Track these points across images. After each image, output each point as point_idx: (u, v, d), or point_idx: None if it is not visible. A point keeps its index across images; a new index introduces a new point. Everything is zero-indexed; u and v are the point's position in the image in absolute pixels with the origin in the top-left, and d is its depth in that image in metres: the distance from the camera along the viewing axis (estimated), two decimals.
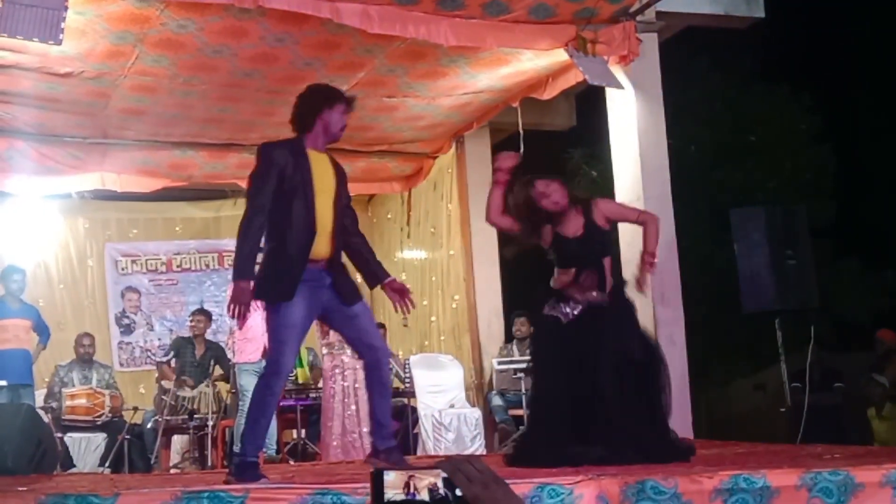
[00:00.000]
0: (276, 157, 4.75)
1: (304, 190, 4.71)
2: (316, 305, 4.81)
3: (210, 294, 11.13)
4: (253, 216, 4.67)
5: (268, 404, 4.79)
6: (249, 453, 4.66)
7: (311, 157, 4.81)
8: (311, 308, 4.78)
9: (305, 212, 4.70)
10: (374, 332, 5.10)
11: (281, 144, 4.88)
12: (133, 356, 11.03)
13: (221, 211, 11.55)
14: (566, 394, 5.00)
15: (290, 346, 4.74)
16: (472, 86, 8.15)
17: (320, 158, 4.89)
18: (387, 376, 5.13)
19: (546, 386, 5.16)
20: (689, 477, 3.89)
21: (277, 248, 4.71)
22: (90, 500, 3.52)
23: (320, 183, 4.80)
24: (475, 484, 1.69)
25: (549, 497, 3.67)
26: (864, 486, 3.89)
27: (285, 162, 4.72)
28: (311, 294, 4.73)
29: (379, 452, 4.97)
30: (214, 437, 8.38)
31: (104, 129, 8.74)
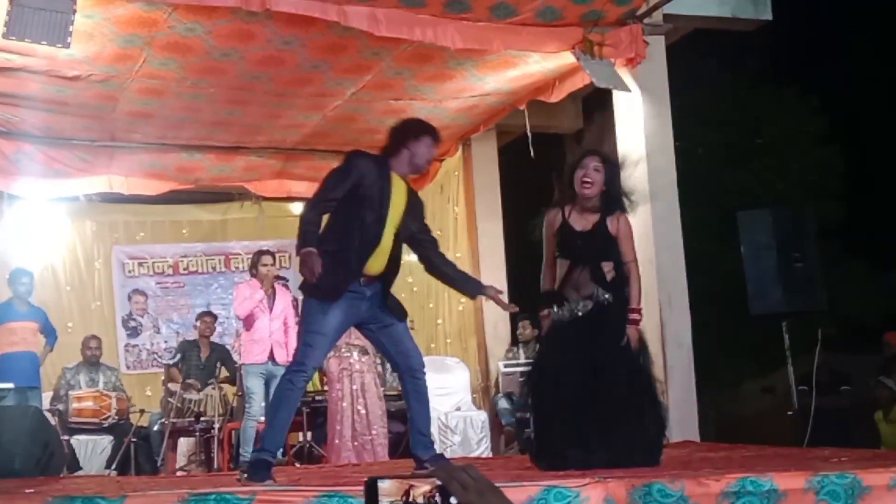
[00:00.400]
0: (360, 164, 4.92)
1: (380, 204, 4.84)
2: (352, 317, 4.94)
3: (217, 297, 11.14)
4: (316, 203, 4.83)
5: (289, 400, 4.85)
6: (268, 449, 4.78)
7: (392, 178, 4.95)
8: (347, 319, 4.92)
9: (375, 226, 4.84)
10: (408, 341, 5.15)
11: (369, 155, 5.07)
12: (140, 359, 11.05)
13: (228, 214, 11.57)
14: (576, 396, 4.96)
15: (318, 351, 4.88)
16: (478, 88, 8.16)
17: (399, 184, 5.02)
18: (423, 385, 5.13)
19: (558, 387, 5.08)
20: (696, 480, 3.88)
21: (337, 252, 4.77)
22: (97, 502, 3.52)
23: (394, 205, 4.93)
24: (470, 492, 1.69)
25: (556, 500, 3.66)
26: (871, 490, 3.88)
27: (367, 171, 4.87)
28: (350, 305, 4.86)
29: (423, 462, 5.01)
30: (221, 440, 8.38)
31: (112, 132, 8.77)
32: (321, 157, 9.77)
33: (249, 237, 11.23)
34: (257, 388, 8.08)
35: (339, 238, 4.81)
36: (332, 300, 4.76)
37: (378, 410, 8.19)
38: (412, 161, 5.04)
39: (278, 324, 8.24)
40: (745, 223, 7.71)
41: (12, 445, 6.09)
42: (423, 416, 5.14)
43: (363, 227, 4.82)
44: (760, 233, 7.51)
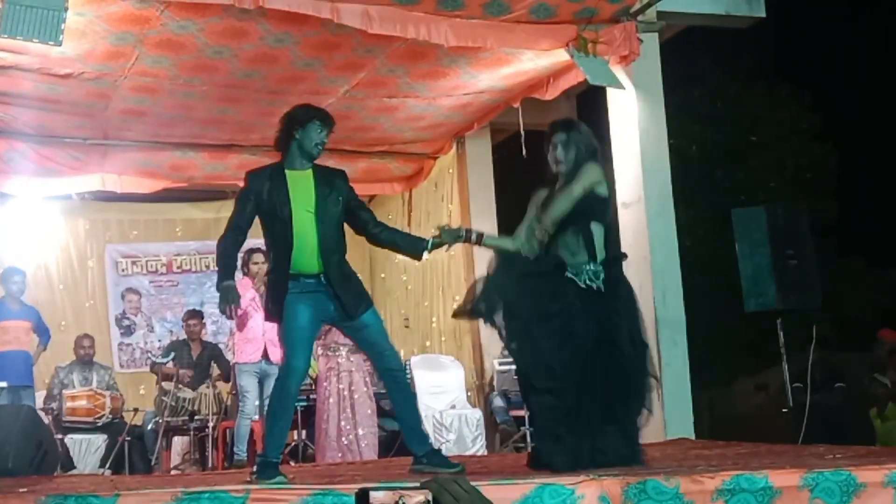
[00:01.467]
0: (252, 183, 5.04)
1: (280, 208, 4.93)
2: (321, 313, 5.01)
3: (210, 295, 11.07)
4: (227, 232, 5.02)
5: (284, 406, 4.96)
6: (271, 454, 4.83)
7: (289, 178, 5.01)
8: (315, 315, 4.98)
9: (283, 230, 4.91)
10: (383, 341, 5.19)
11: (260, 170, 5.16)
12: (133, 357, 11.03)
13: (222, 212, 11.51)
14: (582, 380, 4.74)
15: (300, 349, 4.93)
16: (472, 86, 8.14)
17: (300, 177, 5.04)
18: (403, 381, 5.20)
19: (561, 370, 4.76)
20: (691, 477, 3.88)
21: (271, 267, 5.17)
22: (90, 501, 3.51)
23: (299, 201, 4.96)
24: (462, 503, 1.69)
25: (551, 497, 3.66)
26: (866, 487, 3.88)
27: (261, 187, 4.98)
28: (315, 303, 4.95)
29: (420, 458, 5.03)
30: (215, 438, 8.37)
31: (104, 131, 8.74)
32: None
33: None
34: (251, 387, 8.07)
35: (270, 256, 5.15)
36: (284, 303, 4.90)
37: (367, 410, 8.18)
38: (303, 149, 5.07)
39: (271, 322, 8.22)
40: (739, 220, 7.71)
41: (6, 444, 6.07)
42: (411, 410, 5.18)
43: (277, 236, 4.95)
44: (755, 230, 7.51)
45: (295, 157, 5.07)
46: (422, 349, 10.51)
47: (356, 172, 10.06)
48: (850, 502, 3.84)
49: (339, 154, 9.78)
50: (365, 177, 10.18)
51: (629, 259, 7.45)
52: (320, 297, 4.96)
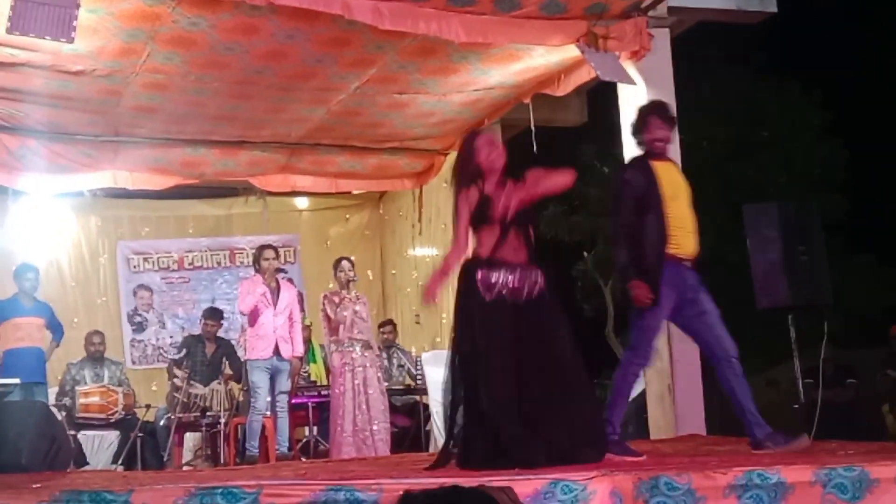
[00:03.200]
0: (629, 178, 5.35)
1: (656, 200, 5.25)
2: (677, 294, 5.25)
3: (222, 292, 11.15)
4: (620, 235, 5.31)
5: (629, 386, 5.30)
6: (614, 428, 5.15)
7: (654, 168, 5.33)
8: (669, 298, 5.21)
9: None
10: (720, 327, 5.30)
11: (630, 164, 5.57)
12: (145, 354, 11.06)
13: (233, 209, 11.58)
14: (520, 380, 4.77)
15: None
16: (483, 82, 8.14)
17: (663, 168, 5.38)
18: (738, 367, 5.29)
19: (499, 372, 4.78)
20: (703, 473, 3.88)
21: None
22: (104, 497, 3.52)
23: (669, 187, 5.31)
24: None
25: (563, 493, 3.66)
26: (879, 482, 3.88)
27: (635, 181, 5.31)
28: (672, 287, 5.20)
29: (762, 442, 5.21)
30: (227, 435, 8.39)
31: (116, 127, 8.76)
32: (325, 152, 9.76)
33: (254, 232, 11.24)
34: (262, 383, 8.10)
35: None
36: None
37: (380, 405, 8.20)
38: (652, 146, 5.41)
39: (283, 319, 8.25)
40: (750, 217, 7.68)
41: (19, 440, 6.08)
42: (747, 397, 5.31)
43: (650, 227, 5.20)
44: (766, 226, 7.48)
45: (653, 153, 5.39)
46: (432, 345, 10.51)
47: (366, 169, 10.09)
48: (863, 498, 3.84)
49: (350, 150, 9.82)
50: (375, 173, 10.20)
51: None
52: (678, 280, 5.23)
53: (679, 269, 5.26)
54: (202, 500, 3.50)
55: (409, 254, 11.46)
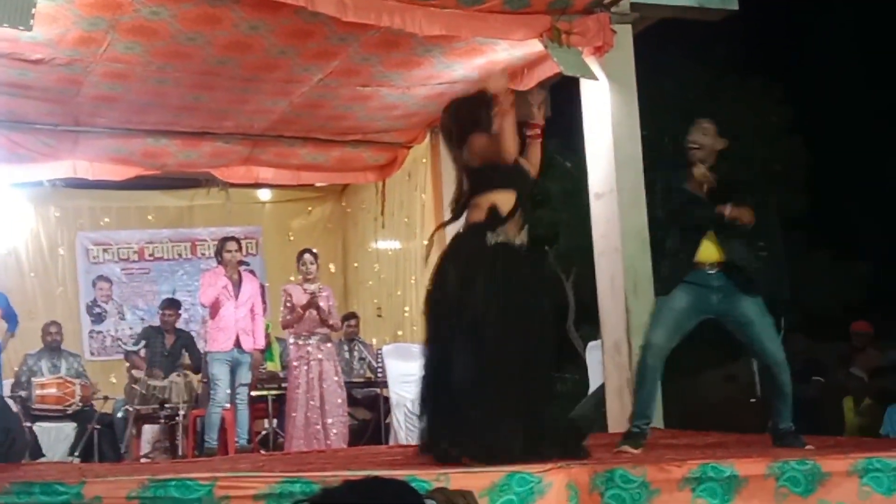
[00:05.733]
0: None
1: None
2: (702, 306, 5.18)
3: (183, 283, 11.08)
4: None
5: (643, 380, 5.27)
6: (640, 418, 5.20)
7: None
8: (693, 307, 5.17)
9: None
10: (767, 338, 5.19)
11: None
12: (104, 345, 10.97)
13: (195, 200, 11.50)
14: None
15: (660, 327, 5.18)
16: (446, 76, 8.14)
17: None
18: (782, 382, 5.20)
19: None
20: (658, 466, 3.92)
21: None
22: (56, 489, 3.50)
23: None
24: None
25: (518, 485, 3.68)
26: (830, 476, 3.93)
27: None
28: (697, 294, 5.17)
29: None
30: (185, 427, 8.36)
31: (76, 117, 8.67)
32: (289, 144, 9.72)
33: (216, 223, 11.18)
34: (223, 376, 8.07)
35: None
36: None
37: (336, 399, 8.19)
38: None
39: (244, 311, 8.22)
40: None
41: None
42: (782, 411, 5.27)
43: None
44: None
45: None
46: (394, 338, 10.52)
47: (329, 161, 10.06)
48: (815, 491, 3.89)
49: (314, 143, 9.78)
50: (338, 166, 10.18)
51: (600, 250, 7.56)
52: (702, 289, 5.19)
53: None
54: (155, 491, 3.48)
55: (371, 247, 11.45)
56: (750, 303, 5.16)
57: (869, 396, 9.22)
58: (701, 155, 5.37)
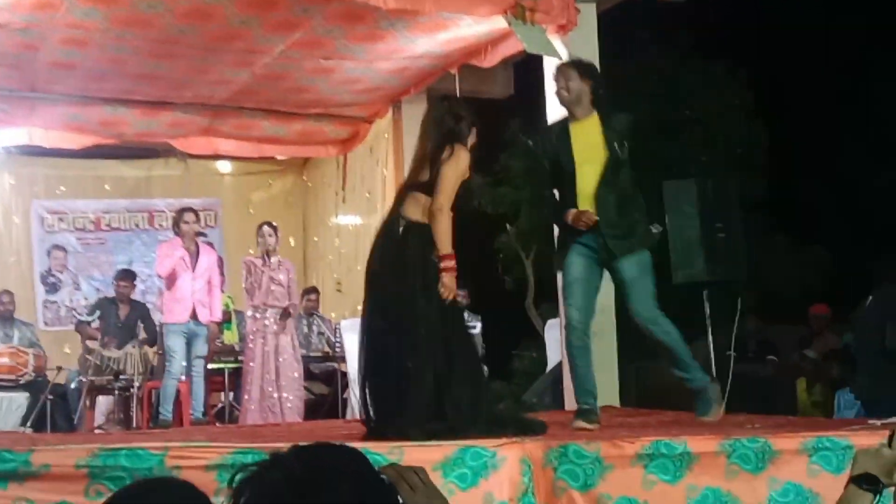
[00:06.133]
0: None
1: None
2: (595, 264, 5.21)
3: (139, 254, 10.96)
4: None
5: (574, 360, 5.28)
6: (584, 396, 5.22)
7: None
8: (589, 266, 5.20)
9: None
10: (636, 298, 5.23)
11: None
12: (58, 315, 10.84)
13: (153, 170, 11.38)
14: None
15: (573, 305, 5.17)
16: (410, 50, 8.09)
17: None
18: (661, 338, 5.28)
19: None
20: (612, 442, 3.94)
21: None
22: (3, 456, 3.45)
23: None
24: (418, 494, 1.69)
25: (472, 459, 3.69)
26: (781, 454, 3.96)
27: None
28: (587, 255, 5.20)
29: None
30: (140, 398, 8.29)
31: (32, 83, 8.53)
32: (250, 116, 9.63)
33: (174, 195, 11.07)
34: (178, 347, 8.01)
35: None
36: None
37: (292, 373, 8.18)
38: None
39: (201, 283, 8.16)
40: (669, 193, 7.76)
41: None
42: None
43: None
44: (684, 203, 7.56)
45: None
46: (353, 313, 10.46)
47: (291, 134, 9.98)
48: (766, 468, 3.92)
49: (275, 115, 9.69)
50: (300, 139, 10.11)
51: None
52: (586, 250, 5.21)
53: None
54: (105, 460, 3.44)
55: (332, 221, 11.39)
56: (624, 262, 5.19)
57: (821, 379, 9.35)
58: (569, 98, 5.32)
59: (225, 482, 3.42)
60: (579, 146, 5.27)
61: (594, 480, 3.79)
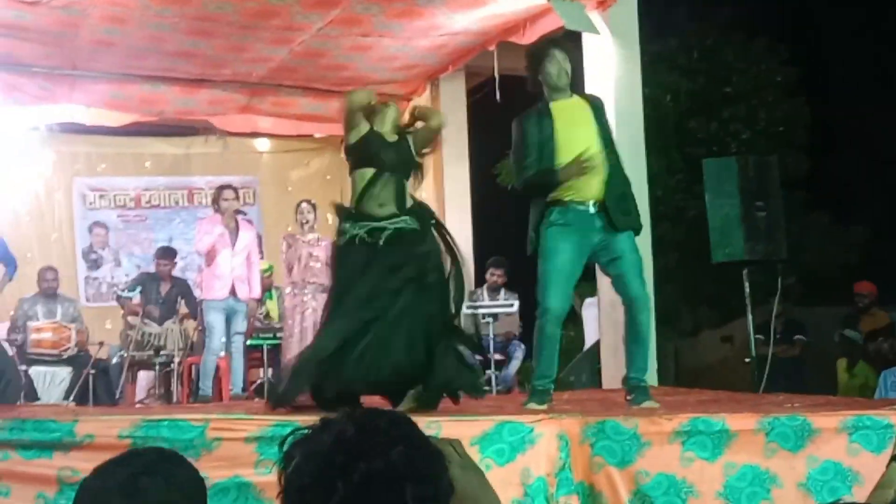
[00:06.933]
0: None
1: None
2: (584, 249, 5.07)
3: (179, 231, 11.03)
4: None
5: (543, 345, 5.10)
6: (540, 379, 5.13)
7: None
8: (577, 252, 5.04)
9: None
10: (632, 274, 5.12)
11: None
12: (100, 291, 10.95)
13: (192, 148, 11.43)
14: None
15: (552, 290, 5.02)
16: (448, 27, 8.06)
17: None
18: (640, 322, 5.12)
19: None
20: (649, 418, 3.93)
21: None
22: (48, 426, 3.51)
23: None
24: (454, 466, 1.70)
25: (510, 434, 3.69)
26: (820, 432, 3.93)
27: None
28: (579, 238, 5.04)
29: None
30: (180, 374, 8.38)
31: (74, 61, 8.61)
32: (287, 93, 9.66)
33: (213, 172, 11.11)
34: (218, 324, 8.07)
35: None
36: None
37: None
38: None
39: (240, 259, 8.21)
40: (710, 171, 7.70)
41: None
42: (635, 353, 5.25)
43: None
44: (725, 181, 7.50)
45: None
46: None
47: (329, 112, 9.98)
48: (805, 446, 3.89)
49: (313, 93, 9.72)
50: (338, 116, 10.06)
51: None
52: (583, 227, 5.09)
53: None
54: (147, 431, 3.49)
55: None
56: (624, 237, 5.12)
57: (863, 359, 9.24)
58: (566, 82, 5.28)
59: (264, 454, 3.47)
60: (566, 124, 5.16)
61: (632, 457, 3.78)
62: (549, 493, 3.72)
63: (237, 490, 3.54)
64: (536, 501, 3.70)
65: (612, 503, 3.75)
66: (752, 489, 3.82)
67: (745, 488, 3.82)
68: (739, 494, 3.80)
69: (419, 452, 1.60)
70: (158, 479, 1.78)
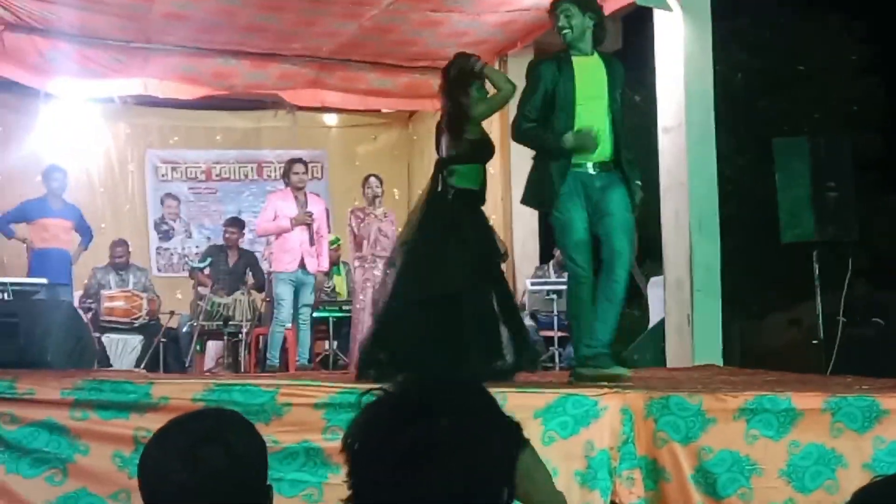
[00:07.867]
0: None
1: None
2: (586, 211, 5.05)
3: (248, 204, 11.18)
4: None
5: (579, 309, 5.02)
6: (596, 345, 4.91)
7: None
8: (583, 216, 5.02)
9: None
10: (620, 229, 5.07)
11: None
12: (171, 262, 11.16)
13: (262, 122, 11.55)
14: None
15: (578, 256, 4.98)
16: (517, 3, 8.05)
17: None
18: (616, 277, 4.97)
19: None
20: (714, 395, 3.92)
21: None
22: (124, 387, 3.61)
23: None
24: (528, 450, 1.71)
25: (574, 407, 3.72)
26: (889, 413, 3.90)
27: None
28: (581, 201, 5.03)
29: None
30: (248, 344, 8.51)
31: (147, 34, 8.75)
32: (356, 68, 9.72)
33: (282, 146, 11.23)
34: (286, 296, 8.17)
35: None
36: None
37: None
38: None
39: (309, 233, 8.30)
40: (780, 151, 7.61)
41: (45, 338, 6.19)
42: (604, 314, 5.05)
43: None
44: (796, 161, 7.41)
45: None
46: None
47: (397, 87, 10.04)
48: (872, 427, 3.86)
49: (381, 68, 9.76)
50: (406, 92, 10.15)
51: (666, 184, 7.49)
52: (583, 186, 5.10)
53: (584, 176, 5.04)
54: (220, 395, 3.57)
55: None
56: (617, 197, 5.05)
57: None
58: (572, 36, 5.16)
59: (333, 420, 3.54)
60: (583, 81, 5.08)
61: (696, 433, 3.79)
62: (612, 466, 3.75)
63: (305, 455, 3.62)
64: (599, 475, 3.72)
65: (674, 479, 3.77)
66: (816, 468, 3.80)
67: (810, 467, 3.80)
68: (803, 473, 3.79)
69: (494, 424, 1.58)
70: (218, 447, 1.77)
